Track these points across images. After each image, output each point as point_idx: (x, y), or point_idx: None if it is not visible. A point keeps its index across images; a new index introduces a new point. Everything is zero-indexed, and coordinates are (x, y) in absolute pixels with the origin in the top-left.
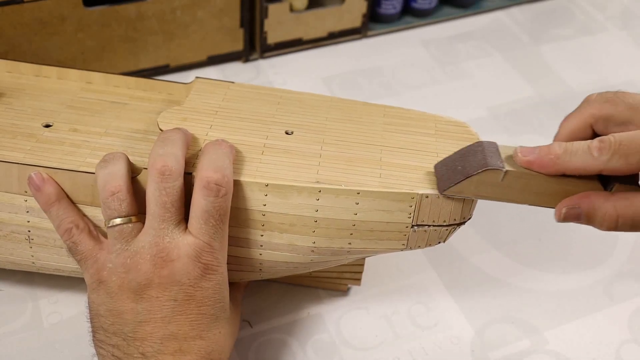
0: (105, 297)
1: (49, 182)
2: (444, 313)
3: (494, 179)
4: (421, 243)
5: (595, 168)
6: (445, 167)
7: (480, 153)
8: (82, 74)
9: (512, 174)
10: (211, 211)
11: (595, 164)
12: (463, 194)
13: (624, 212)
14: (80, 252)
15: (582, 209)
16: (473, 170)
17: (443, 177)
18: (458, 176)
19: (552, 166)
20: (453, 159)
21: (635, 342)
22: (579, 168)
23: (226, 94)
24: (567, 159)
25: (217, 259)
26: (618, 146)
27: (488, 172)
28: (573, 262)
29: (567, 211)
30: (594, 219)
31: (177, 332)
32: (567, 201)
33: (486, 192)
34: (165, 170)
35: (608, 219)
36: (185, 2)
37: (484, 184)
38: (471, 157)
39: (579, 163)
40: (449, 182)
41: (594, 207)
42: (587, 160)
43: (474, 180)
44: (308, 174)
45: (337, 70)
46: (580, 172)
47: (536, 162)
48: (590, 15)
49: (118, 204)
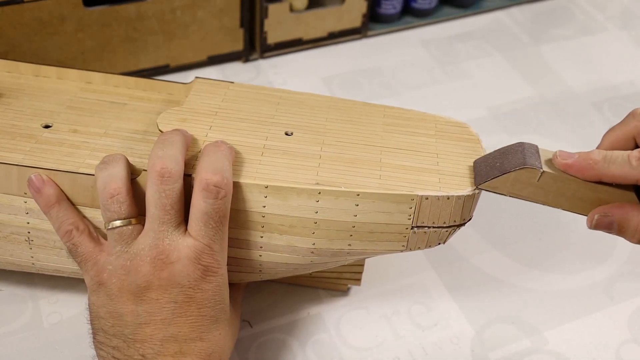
0: (105, 299)
1: (49, 184)
2: (444, 313)
3: (530, 179)
4: (421, 244)
5: (632, 177)
6: (484, 162)
7: (520, 152)
8: (82, 74)
9: (548, 175)
10: (211, 213)
11: (633, 173)
12: (498, 190)
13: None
14: (80, 254)
15: (614, 217)
16: (511, 167)
17: (481, 172)
18: (495, 172)
19: (590, 171)
20: (493, 155)
21: (635, 342)
22: (616, 176)
23: (226, 94)
24: (605, 165)
25: (217, 261)
26: None
27: (525, 171)
28: (573, 262)
29: (599, 218)
30: (625, 230)
31: (177, 334)
32: (601, 209)
33: (520, 191)
34: (165, 172)
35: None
36: (185, 2)
37: (520, 182)
38: (510, 156)
39: (617, 171)
40: (486, 177)
41: (627, 218)
42: (624, 168)
43: (510, 178)
44: (308, 175)
45: (337, 70)
46: (617, 180)
47: (574, 165)
48: (590, 15)
49: (118, 206)
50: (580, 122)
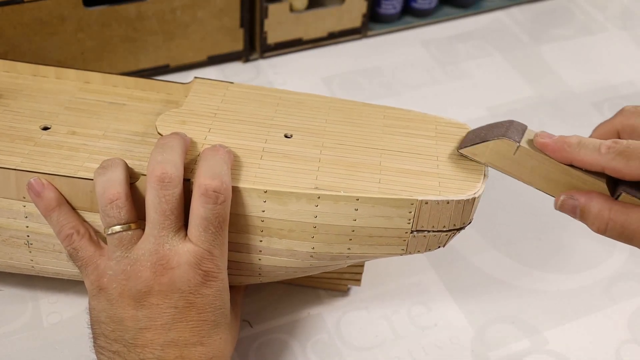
0: (105, 304)
1: (49, 188)
2: (444, 313)
3: (507, 151)
4: (421, 248)
5: (598, 164)
6: (473, 133)
7: (505, 127)
8: (80, 74)
9: (524, 150)
10: (210, 218)
11: (600, 160)
12: (477, 157)
13: (615, 218)
14: (80, 259)
15: (579, 202)
16: (491, 137)
17: (467, 139)
18: (477, 140)
19: (562, 153)
20: (483, 127)
21: (635, 342)
22: (584, 161)
23: (225, 95)
24: (577, 149)
25: (218, 266)
26: (624, 149)
27: (503, 142)
28: (573, 262)
29: (565, 199)
30: (587, 216)
31: (177, 339)
32: (569, 192)
33: (497, 162)
34: (165, 177)
35: (600, 219)
36: (185, 2)
37: (497, 153)
38: (496, 129)
39: (586, 156)
40: (468, 143)
41: (590, 205)
42: (593, 154)
43: (489, 147)
44: (307, 179)
45: (337, 70)
46: (586, 166)
47: (550, 145)
48: (590, 15)
49: (117, 212)
50: (580, 122)
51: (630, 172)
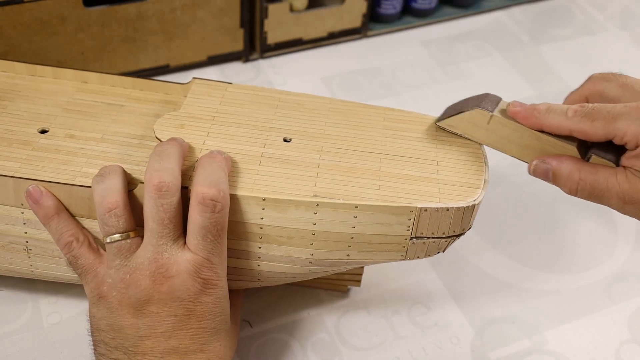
0: (105, 312)
1: (47, 196)
2: (444, 313)
3: (482, 121)
4: (420, 254)
5: (566, 127)
6: (452, 107)
7: (480, 99)
8: (78, 74)
9: (497, 119)
10: (208, 227)
11: (567, 123)
12: (454, 129)
13: (585, 178)
14: (80, 266)
15: (551, 166)
16: (466, 108)
17: (444, 114)
18: (453, 112)
19: (532, 119)
20: (459, 102)
21: (635, 342)
22: (553, 125)
23: (224, 96)
24: (546, 115)
25: (217, 273)
26: (589, 111)
27: (477, 112)
28: (573, 262)
29: (537, 164)
30: (559, 179)
31: (178, 347)
32: (541, 157)
33: (473, 132)
34: (163, 186)
35: (571, 180)
36: (185, 2)
37: (473, 123)
38: (472, 101)
39: (554, 120)
40: (445, 116)
41: (562, 167)
42: (561, 118)
43: (464, 118)
44: (306, 186)
45: (337, 70)
46: (554, 130)
47: (521, 113)
48: (590, 15)
49: (116, 221)
50: None
51: (596, 133)
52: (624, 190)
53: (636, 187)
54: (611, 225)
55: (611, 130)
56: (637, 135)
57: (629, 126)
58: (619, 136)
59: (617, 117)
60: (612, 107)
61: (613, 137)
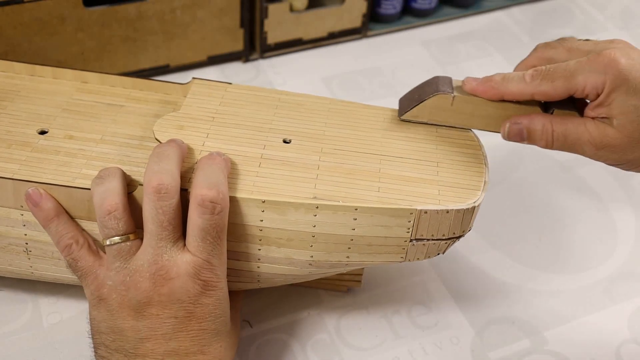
0: (106, 314)
1: (47, 198)
2: (444, 313)
3: (445, 104)
4: (420, 256)
5: (527, 92)
6: (406, 98)
7: (434, 83)
8: (77, 74)
9: (460, 98)
10: (208, 229)
11: (528, 88)
12: (419, 118)
13: (557, 129)
14: (80, 269)
15: (523, 125)
16: (427, 95)
17: (403, 106)
18: (414, 102)
19: (492, 90)
20: (413, 91)
21: (635, 342)
22: (514, 92)
23: (223, 97)
24: (504, 84)
25: (217, 275)
26: (547, 73)
27: (439, 97)
28: (573, 262)
29: (510, 127)
30: (533, 135)
31: (178, 348)
32: (512, 119)
33: (438, 116)
34: (162, 188)
35: (546, 132)
36: (185, 2)
37: (436, 108)
38: (427, 87)
39: (514, 88)
40: (407, 108)
41: (534, 123)
42: (520, 85)
43: (427, 105)
44: (306, 188)
45: (337, 70)
46: (516, 97)
47: (479, 87)
48: (590, 15)
49: (115, 223)
50: None
51: (557, 92)
52: (594, 137)
53: (605, 132)
54: (611, 225)
55: (571, 86)
56: (597, 86)
57: (587, 79)
58: (579, 90)
59: (574, 72)
60: (565, 65)
61: (574, 93)
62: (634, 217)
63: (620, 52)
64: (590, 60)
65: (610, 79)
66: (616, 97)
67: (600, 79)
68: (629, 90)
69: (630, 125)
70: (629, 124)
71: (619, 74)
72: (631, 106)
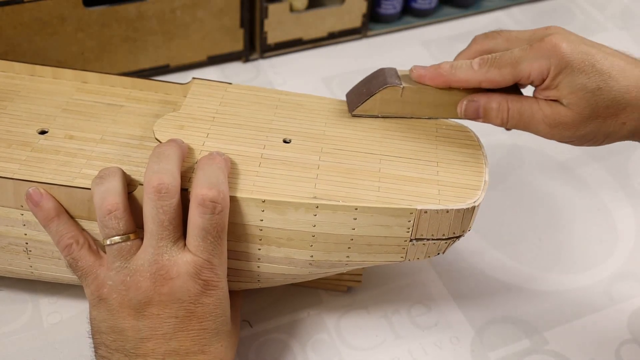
0: (106, 314)
1: (47, 198)
2: (444, 313)
3: (394, 96)
4: (420, 255)
5: (475, 80)
6: (353, 93)
7: (381, 76)
8: (77, 74)
9: (409, 89)
10: (208, 228)
11: (475, 76)
12: (370, 112)
13: (512, 106)
14: (80, 269)
15: (480, 102)
16: (375, 89)
17: (352, 101)
18: (363, 97)
19: (440, 78)
20: (359, 85)
21: (635, 342)
22: (461, 80)
23: (223, 97)
24: (452, 72)
25: (217, 275)
26: (494, 61)
27: (388, 89)
28: (573, 262)
29: (467, 104)
30: (489, 112)
31: (179, 348)
32: (468, 97)
33: (389, 108)
34: (162, 188)
35: (501, 111)
36: (185, 2)
37: (386, 101)
38: (374, 80)
39: (462, 75)
40: (357, 104)
41: (491, 100)
42: (468, 72)
43: (377, 98)
44: (305, 187)
45: (337, 70)
46: (464, 84)
47: (427, 75)
48: (590, 15)
49: (115, 223)
50: None
51: (505, 79)
52: (547, 115)
53: (557, 110)
54: (611, 225)
55: (517, 72)
56: (542, 71)
57: (531, 66)
58: (524, 77)
59: (519, 60)
60: (510, 53)
61: (520, 79)
62: (634, 217)
63: (560, 37)
64: (534, 48)
65: (555, 63)
66: (562, 79)
67: (545, 64)
68: (573, 71)
69: (580, 102)
70: (579, 101)
71: (562, 57)
72: (579, 84)
